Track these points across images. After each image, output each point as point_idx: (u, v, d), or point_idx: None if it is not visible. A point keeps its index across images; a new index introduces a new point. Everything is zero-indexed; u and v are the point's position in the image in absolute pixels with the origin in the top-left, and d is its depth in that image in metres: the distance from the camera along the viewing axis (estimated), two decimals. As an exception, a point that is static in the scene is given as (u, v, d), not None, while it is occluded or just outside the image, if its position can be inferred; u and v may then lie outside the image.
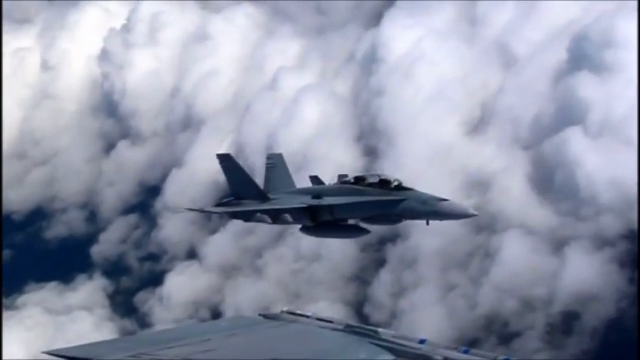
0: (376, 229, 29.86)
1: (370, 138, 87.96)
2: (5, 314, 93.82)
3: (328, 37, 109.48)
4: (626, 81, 71.73)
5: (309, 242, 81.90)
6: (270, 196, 30.82)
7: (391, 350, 13.16)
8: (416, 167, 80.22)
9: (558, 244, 67.49)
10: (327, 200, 28.31)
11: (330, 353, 13.23)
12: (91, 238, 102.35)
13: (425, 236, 72.37)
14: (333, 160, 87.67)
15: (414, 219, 26.55)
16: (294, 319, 15.05)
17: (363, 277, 76.73)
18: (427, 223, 25.94)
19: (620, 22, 74.31)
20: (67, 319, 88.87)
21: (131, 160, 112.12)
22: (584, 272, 64.53)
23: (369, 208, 27.31)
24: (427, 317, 68.76)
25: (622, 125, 69.89)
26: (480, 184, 76.48)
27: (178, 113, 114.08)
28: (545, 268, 66.31)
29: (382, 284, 73.75)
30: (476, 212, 24.99)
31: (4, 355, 79.67)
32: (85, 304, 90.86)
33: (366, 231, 28.98)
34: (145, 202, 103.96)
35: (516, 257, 67.69)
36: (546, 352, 61.39)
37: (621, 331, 60.85)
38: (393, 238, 75.84)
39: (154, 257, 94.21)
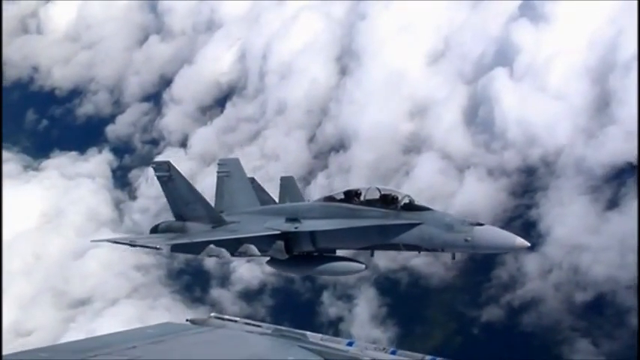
0: None
1: (345, 58, 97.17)
2: (30, 174, 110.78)
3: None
4: (555, 33, 78.36)
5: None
6: (226, 217, 23.15)
7: (320, 353, 12.96)
8: (372, 89, 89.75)
9: (463, 170, 76.56)
10: (308, 224, 20.83)
11: (258, 357, 12.89)
12: (110, 119, 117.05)
13: (361, 150, 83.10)
14: (311, 75, 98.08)
15: (433, 250, 19.36)
16: (221, 324, 14.82)
17: (306, 179, 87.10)
18: (453, 257, 19.42)
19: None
20: (74, 183, 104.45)
21: (157, 54, 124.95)
22: (478, 196, 73.57)
23: (367, 235, 19.90)
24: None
25: (541, 73, 76.97)
26: (422, 111, 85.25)
27: (204, 15, 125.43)
28: (446, 189, 75.63)
29: (318, 185, 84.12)
30: (527, 243, 17.80)
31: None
32: (91, 174, 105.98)
33: (360, 264, 21.14)
34: (158, 92, 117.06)
35: (426, 177, 77.01)
36: (419, 259, 71.64)
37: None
38: (338, 148, 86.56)
39: (154, 142, 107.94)
